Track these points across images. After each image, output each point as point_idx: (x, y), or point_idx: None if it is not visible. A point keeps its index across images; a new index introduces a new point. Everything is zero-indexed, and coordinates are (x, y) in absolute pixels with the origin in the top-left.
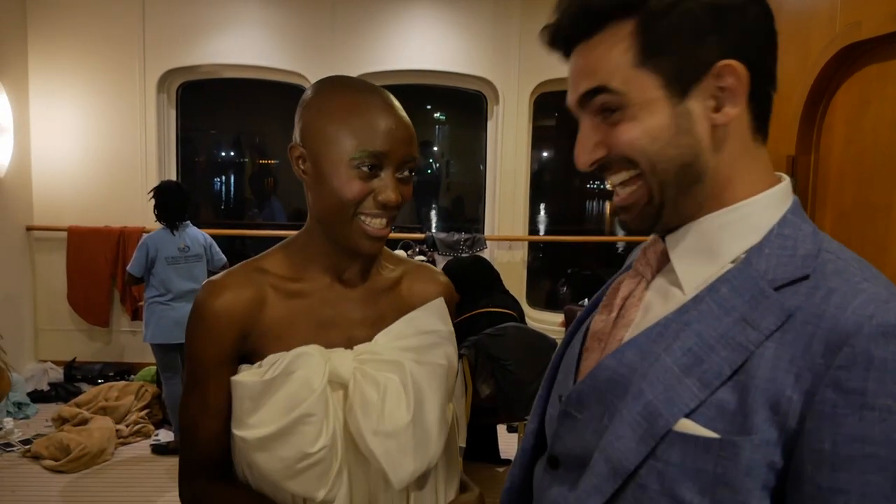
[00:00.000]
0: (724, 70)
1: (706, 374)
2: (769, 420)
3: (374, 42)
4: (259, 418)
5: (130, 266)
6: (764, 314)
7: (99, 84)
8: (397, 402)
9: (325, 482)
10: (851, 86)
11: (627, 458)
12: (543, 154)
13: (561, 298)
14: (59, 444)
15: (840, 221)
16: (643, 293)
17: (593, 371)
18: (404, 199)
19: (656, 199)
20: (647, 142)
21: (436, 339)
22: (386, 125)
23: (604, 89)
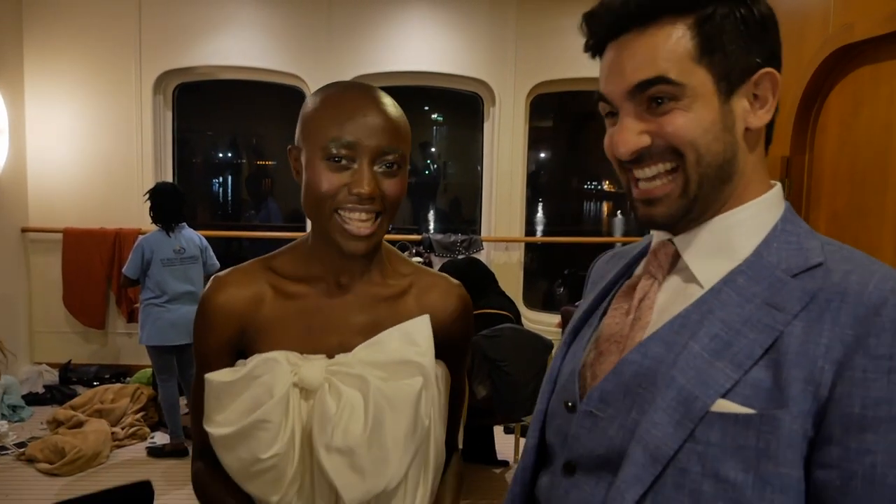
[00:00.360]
0: (764, 77)
1: (737, 356)
2: (804, 391)
3: (370, 44)
4: (224, 417)
5: (126, 268)
6: (787, 297)
7: (95, 85)
8: (354, 419)
9: (278, 488)
10: (845, 87)
11: (666, 444)
12: (540, 155)
13: (557, 299)
14: (53, 447)
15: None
16: (656, 295)
17: (617, 367)
18: (386, 194)
19: (692, 192)
20: (699, 133)
21: (411, 358)
22: (361, 115)
23: (664, 79)
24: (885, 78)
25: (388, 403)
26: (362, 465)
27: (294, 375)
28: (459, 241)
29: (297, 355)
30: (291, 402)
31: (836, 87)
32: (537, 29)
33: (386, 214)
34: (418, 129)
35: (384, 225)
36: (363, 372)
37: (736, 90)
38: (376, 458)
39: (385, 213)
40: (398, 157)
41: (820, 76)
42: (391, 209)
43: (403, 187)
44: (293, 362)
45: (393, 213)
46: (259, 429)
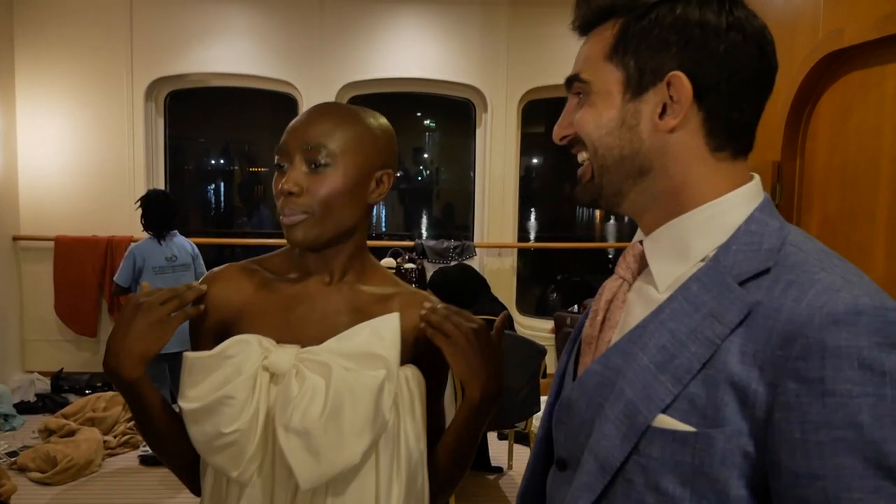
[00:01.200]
0: (673, 80)
1: (678, 370)
2: (739, 412)
3: (362, 50)
4: (195, 393)
5: (117, 276)
6: (728, 308)
7: (86, 92)
8: (314, 403)
9: (238, 463)
10: (835, 92)
11: (613, 455)
12: (532, 161)
13: (551, 305)
14: (45, 456)
15: (825, 226)
16: (625, 295)
17: (581, 378)
18: (312, 192)
19: (596, 179)
20: (593, 128)
21: (377, 351)
22: (293, 122)
23: (576, 78)
24: (874, 82)
25: (349, 391)
26: (317, 448)
27: (265, 359)
28: (452, 248)
29: (271, 341)
30: (259, 383)
31: (826, 92)
32: (529, 35)
33: (316, 214)
34: (410, 135)
35: (318, 222)
36: (328, 360)
37: (646, 91)
38: (332, 443)
39: (314, 212)
40: (326, 154)
41: (810, 81)
42: (321, 208)
43: (334, 187)
44: (265, 346)
45: (323, 212)
46: (224, 404)
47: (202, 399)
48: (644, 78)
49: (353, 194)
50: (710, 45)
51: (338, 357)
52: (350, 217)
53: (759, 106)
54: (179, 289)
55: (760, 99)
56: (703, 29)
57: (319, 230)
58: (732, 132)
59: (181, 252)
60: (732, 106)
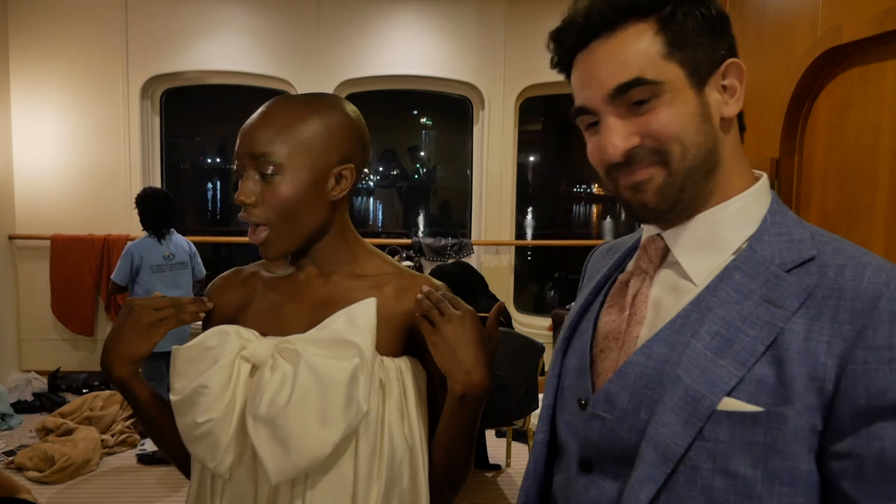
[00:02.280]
0: (731, 67)
1: (740, 353)
2: (808, 387)
3: (358, 47)
4: (180, 384)
5: (115, 275)
6: (785, 294)
7: (81, 91)
8: (282, 391)
9: (214, 454)
10: (834, 89)
11: (676, 443)
12: (530, 158)
13: (548, 302)
14: (43, 455)
15: (823, 223)
16: (648, 290)
17: (622, 369)
18: (266, 201)
19: (679, 183)
20: (681, 125)
21: (349, 337)
22: (245, 125)
23: (641, 81)
24: (873, 79)
25: (316, 379)
26: (285, 438)
27: (244, 349)
28: (450, 245)
29: (253, 332)
30: (237, 373)
31: (825, 88)
32: (526, 32)
33: (273, 225)
34: (407, 133)
35: (282, 234)
36: (299, 347)
37: (707, 82)
38: (299, 432)
39: (270, 223)
40: (272, 164)
41: (809, 78)
42: (276, 218)
43: (286, 195)
44: (245, 336)
45: (283, 222)
46: (199, 394)
47: (184, 390)
48: (703, 69)
49: (309, 198)
50: (731, 30)
51: (309, 345)
52: (314, 219)
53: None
54: (182, 300)
55: None
56: (727, 18)
57: (286, 241)
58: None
59: (179, 251)
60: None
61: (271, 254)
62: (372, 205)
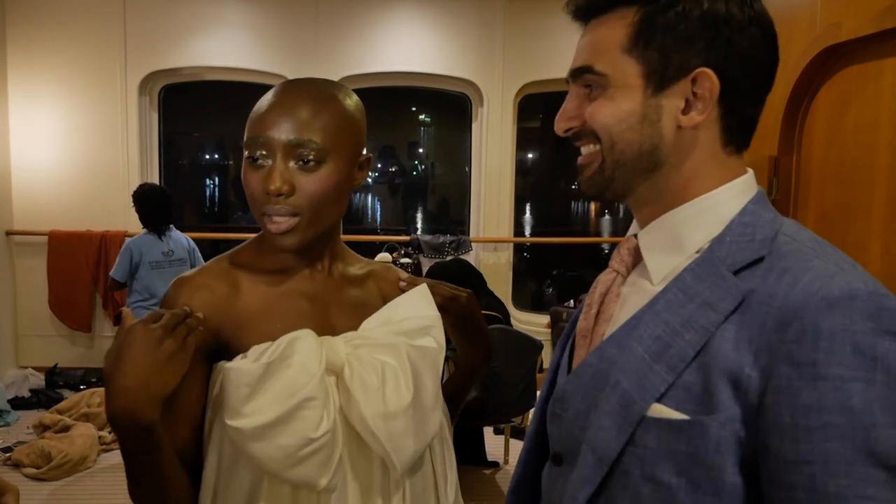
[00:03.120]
0: (700, 76)
1: (672, 358)
2: (732, 397)
3: (358, 44)
4: (256, 406)
5: (114, 271)
6: (722, 296)
7: (80, 86)
8: (396, 385)
9: (327, 469)
10: (832, 87)
11: (610, 447)
12: (528, 155)
13: (547, 300)
14: (40, 452)
15: (822, 221)
16: (619, 289)
17: (576, 370)
18: (301, 191)
19: (607, 171)
20: (613, 122)
21: (425, 322)
22: (275, 110)
23: (588, 69)
24: (871, 77)
25: (420, 365)
26: (409, 428)
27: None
28: (448, 242)
29: (315, 334)
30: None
31: (824, 86)
32: (525, 29)
33: (305, 214)
34: (406, 129)
35: (311, 224)
36: (391, 340)
37: (668, 87)
38: (420, 419)
39: (303, 212)
40: (315, 151)
41: (807, 76)
42: (311, 208)
43: (327, 184)
44: (318, 340)
45: (315, 212)
46: (305, 408)
47: (270, 410)
48: (667, 73)
49: (343, 187)
50: (735, 40)
51: (396, 336)
52: (338, 212)
53: (765, 98)
54: (178, 313)
55: (768, 91)
56: (728, 24)
57: (312, 231)
58: (743, 128)
59: (178, 247)
60: (748, 101)
61: (293, 243)
62: (370, 202)
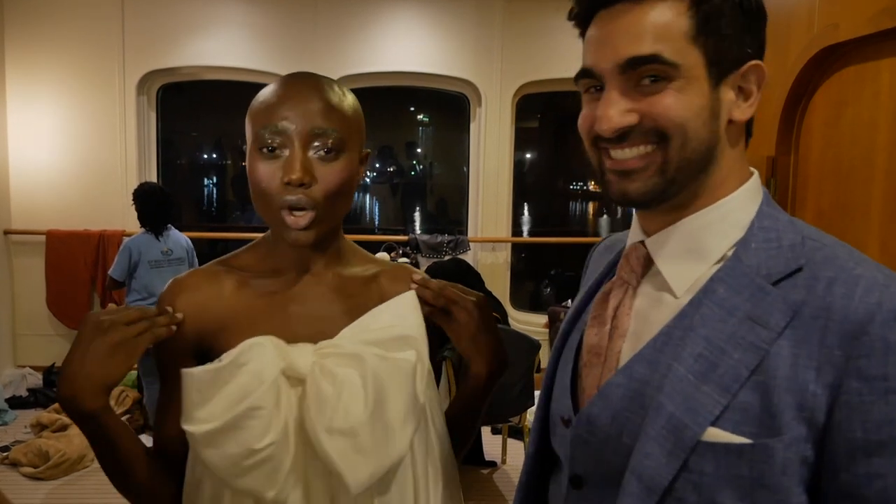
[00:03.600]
0: (752, 69)
1: (724, 379)
2: (797, 417)
3: (356, 44)
4: (208, 412)
5: (112, 270)
6: (770, 311)
7: (77, 86)
8: (354, 399)
9: (274, 481)
10: (829, 87)
11: (660, 475)
12: (526, 155)
13: (545, 299)
14: (37, 451)
15: (819, 221)
16: (632, 301)
17: (603, 391)
18: (321, 181)
19: (670, 173)
20: (690, 116)
21: (403, 332)
22: (291, 99)
23: (657, 59)
24: (869, 78)
25: (387, 379)
26: (365, 446)
27: (282, 361)
28: (446, 242)
29: (278, 341)
30: (281, 389)
31: (821, 87)
32: (523, 29)
33: (321, 207)
34: (404, 129)
35: (325, 218)
36: (357, 350)
37: (725, 78)
38: (379, 438)
39: (319, 206)
40: (335, 140)
41: (805, 76)
42: (327, 200)
43: (344, 175)
44: (280, 348)
45: (331, 205)
46: (251, 417)
47: (220, 417)
48: (725, 63)
49: (354, 181)
50: (764, 32)
51: (365, 346)
52: (348, 206)
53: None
54: (149, 311)
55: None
56: (764, 18)
57: (326, 225)
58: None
59: (176, 246)
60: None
61: (310, 238)
62: (368, 201)
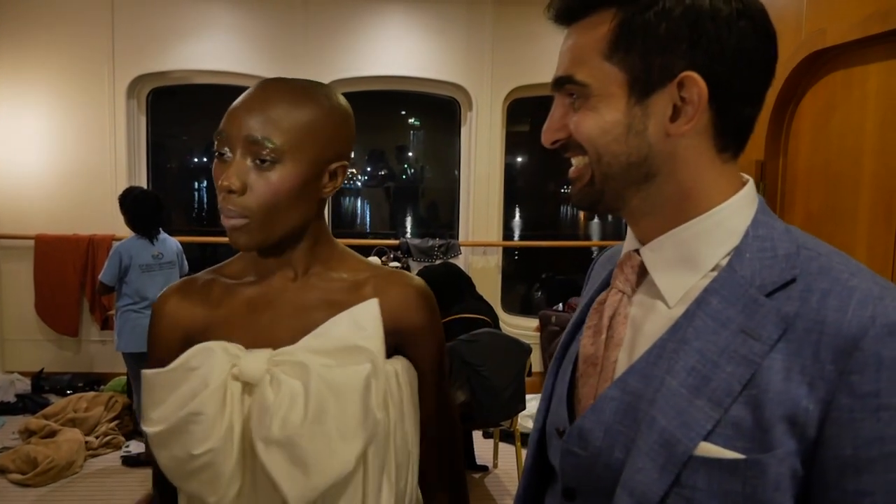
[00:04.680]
0: (686, 81)
1: (716, 393)
2: (788, 432)
3: (346, 48)
4: (160, 413)
5: (102, 275)
6: (762, 323)
7: (67, 89)
8: (294, 409)
9: (216, 487)
10: (817, 92)
11: (652, 490)
12: (517, 159)
13: (536, 303)
14: (26, 458)
15: (808, 225)
16: (627, 310)
17: (596, 404)
18: (255, 190)
19: (598, 185)
20: (597, 134)
21: (357, 343)
22: (239, 104)
23: (569, 80)
24: (856, 82)
25: (331, 391)
26: (304, 459)
27: (233, 367)
28: (437, 246)
29: (239, 347)
30: (230, 395)
31: (809, 91)
32: (514, 33)
33: (255, 216)
34: (395, 132)
35: (262, 227)
36: (304, 359)
37: (653, 93)
38: (319, 451)
39: (252, 215)
40: (271, 150)
41: (793, 81)
42: (261, 210)
43: (281, 186)
44: (232, 353)
45: (267, 215)
46: (192, 422)
47: (167, 419)
48: (651, 78)
49: (302, 193)
50: (722, 37)
51: (314, 355)
52: (299, 216)
53: (764, 97)
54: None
55: (766, 88)
56: (714, 21)
57: (264, 234)
58: (740, 129)
59: (167, 250)
60: (743, 101)
61: (242, 243)
62: (359, 205)
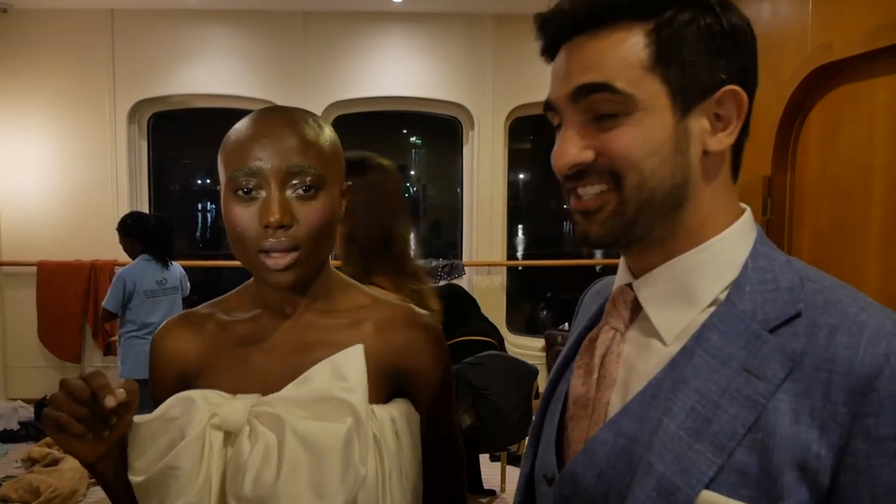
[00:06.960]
0: (728, 96)
1: (718, 436)
2: (799, 480)
3: (346, 69)
4: (142, 463)
5: (106, 301)
6: (767, 361)
7: (68, 115)
8: (268, 465)
9: None
10: (824, 106)
11: None
12: (520, 177)
13: (541, 323)
14: (28, 487)
15: (817, 241)
16: (620, 348)
17: (587, 447)
18: (301, 221)
19: (629, 215)
20: (644, 154)
21: (338, 395)
22: (264, 137)
23: (607, 87)
24: (864, 96)
25: (306, 446)
26: None
27: (214, 416)
28: (441, 267)
29: (222, 394)
30: (210, 446)
31: (816, 106)
32: (514, 52)
33: (305, 247)
34: (396, 152)
35: (309, 257)
36: (281, 411)
37: (694, 107)
38: None
39: (303, 245)
40: (314, 177)
41: (799, 95)
42: (310, 239)
43: (326, 213)
44: (213, 402)
45: (315, 243)
46: (168, 476)
47: (147, 470)
48: (693, 92)
49: (336, 217)
50: (746, 56)
51: (292, 407)
52: (332, 244)
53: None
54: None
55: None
56: (743, 39)
57: (310, 265)
58: (743, 148)
59: (171, 276)
60: (748, 120)
61: (291, 280)
62: None
